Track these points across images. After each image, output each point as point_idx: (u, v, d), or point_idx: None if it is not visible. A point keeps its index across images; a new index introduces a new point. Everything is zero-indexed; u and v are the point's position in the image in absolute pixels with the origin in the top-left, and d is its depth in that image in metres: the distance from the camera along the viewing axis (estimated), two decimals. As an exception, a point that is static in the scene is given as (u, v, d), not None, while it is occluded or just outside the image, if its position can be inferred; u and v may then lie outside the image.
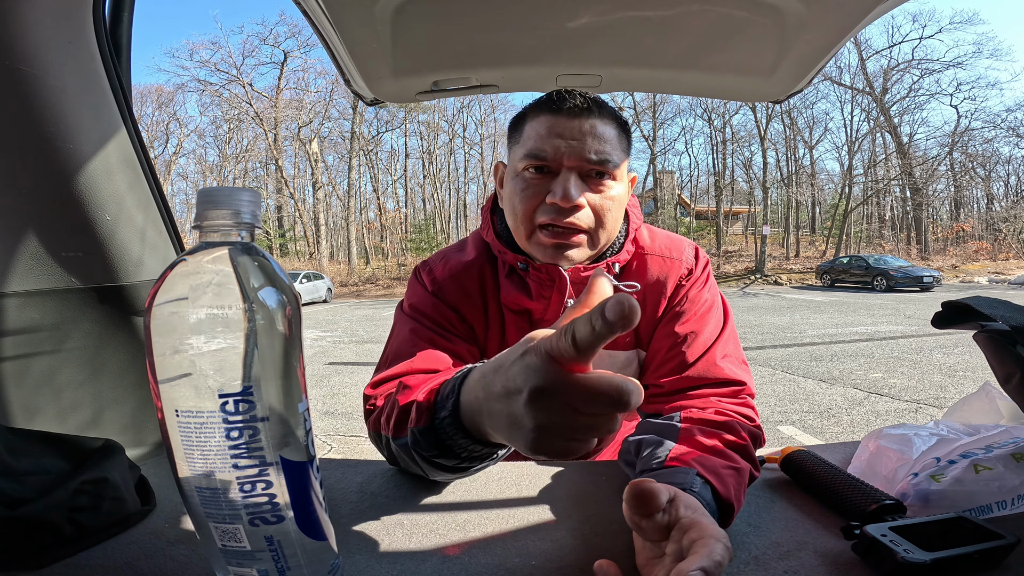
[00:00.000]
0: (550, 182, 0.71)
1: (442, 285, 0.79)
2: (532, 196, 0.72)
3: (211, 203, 0.36)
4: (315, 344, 8.79)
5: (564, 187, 0.69)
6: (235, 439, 0.35)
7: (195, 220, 0.37)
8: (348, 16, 0.81)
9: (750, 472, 0.58)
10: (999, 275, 19.56)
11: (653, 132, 29.39)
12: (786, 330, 8.50)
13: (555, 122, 0.71)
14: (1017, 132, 26.45)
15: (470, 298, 0.79)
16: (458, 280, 0.80)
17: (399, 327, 0.78)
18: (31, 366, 0.73)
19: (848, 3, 0.80)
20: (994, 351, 0.56)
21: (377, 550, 0.51)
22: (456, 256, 0.83)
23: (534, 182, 0.72)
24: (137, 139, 0.76)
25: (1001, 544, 0.44)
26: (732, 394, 0.71)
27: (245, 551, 0.37)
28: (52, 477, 0.55)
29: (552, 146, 0.70)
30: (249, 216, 0.37)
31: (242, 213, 0.37)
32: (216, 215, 0.36)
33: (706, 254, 0.84)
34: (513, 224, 0.76)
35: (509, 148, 0.78)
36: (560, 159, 0.70)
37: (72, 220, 0.69)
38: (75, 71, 0.66)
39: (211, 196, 0.36)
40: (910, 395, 4.52)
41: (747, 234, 30.75)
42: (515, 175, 0.74)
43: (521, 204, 0.73)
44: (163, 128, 31.72)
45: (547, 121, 0.71)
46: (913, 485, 0.54)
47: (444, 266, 0.82)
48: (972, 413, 0.69)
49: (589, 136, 0.70)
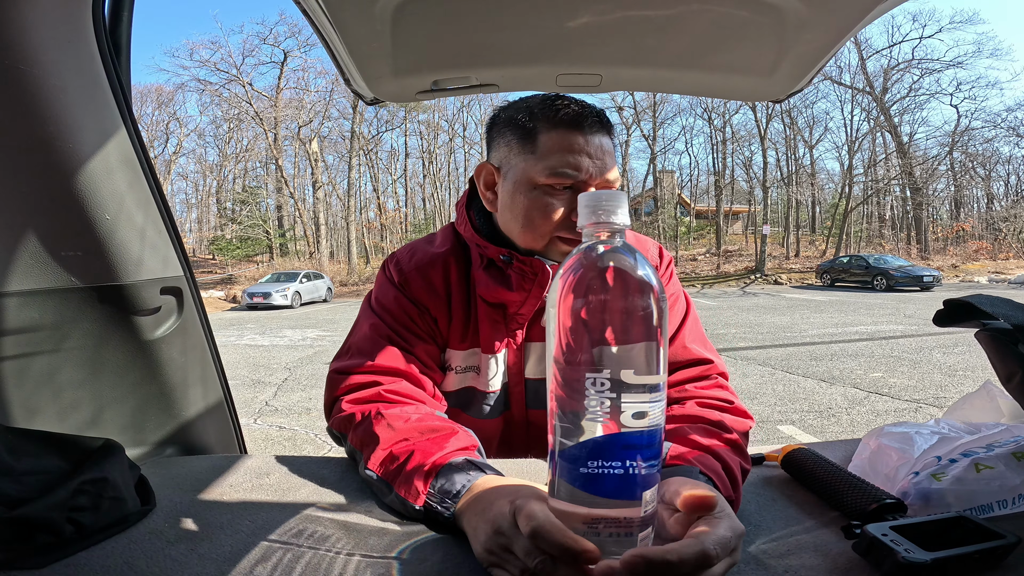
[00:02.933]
0: (572, 198, 0.73)
1: (407, 277, 0.81)
2: (555, 211, 0.74)
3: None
4: (315, 344, 8.79)
5: None
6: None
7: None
8: (348, 15, 0.81)
9: (741, 466, 0.60)
10: (999, 275, 19.56)
11: (653, 132, 29.37)
12: (786, 330, 8.51)
13: (577, 140, 0.73)
14: (1017, 132, 26.47)
15: (434, 291, 0.81)
16: (423, 272, 0.82)
17: (362, 320, 0.82)
18: (31, 366, 0.73)
19: (848, 3, 0.80)
20: (996, 350, 0.56)
21: (378, 549, 0.51)
22: (424, 248, 0.85)
23: (560, 197, 0.74)
24: (137, 139, 0.76)
25: (1002, 544, 0.43)
26: (702, 374, 0.76)
27: None
28: (52, 477, 0.55)
29: (580, 166, 0.72)
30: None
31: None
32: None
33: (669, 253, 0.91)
34: (523, 230, 0.76)
35: (509, 152, 0.78)
36: (588, 179, 0.73)
37: (72, 220, 0.69)
38: (75, 71, 0.66)
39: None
40: (910, 395, 4.52)
41: (747, 233, 30.74)
42: (533, 187, 0.75)
43: (542, 218, 0.74)
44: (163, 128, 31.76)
45: (569, 137, 0.73)
46: (914, 484, 0.54)
47: (411, 259, 0.84)
48: (973, 412, 0.69)
49: (607, 155, 0.74)
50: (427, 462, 0.56)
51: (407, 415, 0.65)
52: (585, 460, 0.39)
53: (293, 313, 14.91)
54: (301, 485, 0.67)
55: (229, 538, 0.54)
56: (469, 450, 0.60)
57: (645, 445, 0.40)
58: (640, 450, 0.39)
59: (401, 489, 0.56)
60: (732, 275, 21.99)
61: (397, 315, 0.79)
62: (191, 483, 0.69)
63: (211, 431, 0.94)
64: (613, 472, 0.39)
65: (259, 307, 16.40)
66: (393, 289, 0.82)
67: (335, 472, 0.71)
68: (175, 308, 0.86)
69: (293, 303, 16.63)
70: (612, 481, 0.39)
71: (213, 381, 0.95)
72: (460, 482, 0.53)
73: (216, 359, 0.96)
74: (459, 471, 0.55)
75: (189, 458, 0.84)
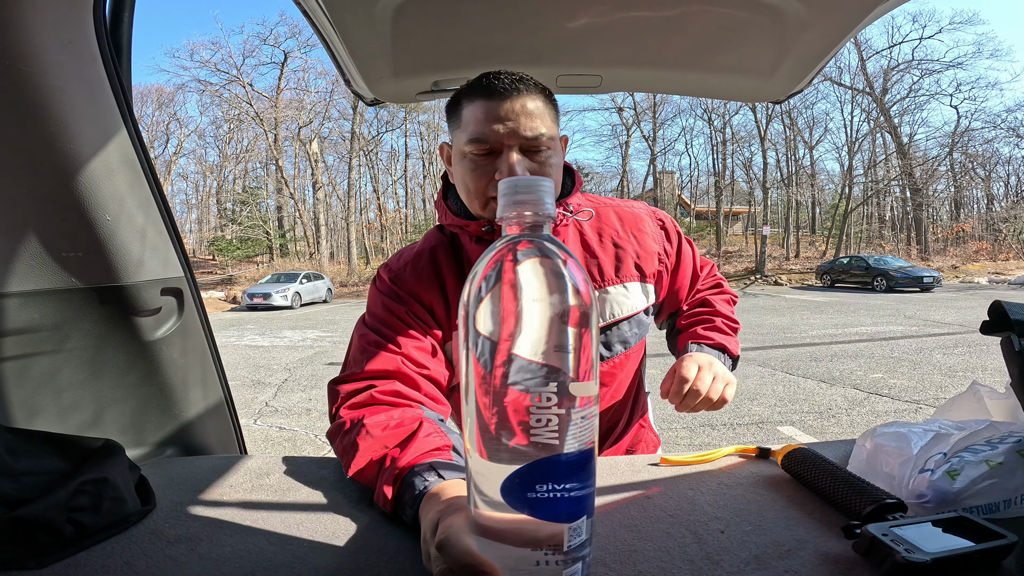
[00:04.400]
0: (495, 160, 0.79)
1: (398, 273, 0.88)
2: (482, 175, 0.80)
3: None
4: (315, 344, 8.79)
5: (508, 166, 0.78)
6: None
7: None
8: (348, 16, 0.81)
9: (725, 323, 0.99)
10: (999, 275, 19.56)
11: (653, 132, 29.40)
12: (786, 330, 8.51)
13: (490, 105, 0.78)
14: (1017, 132, 26.47)
15: (424, 278, 0.86)
16: (413, 264, 0.88)
17: (354, 335, 0.85)
18: (31, 366, 0.73)
19: (848, 3, 0.80)
20: (1006, 349, 0.56)
21: (378, 548, 0.51)
22: (409, 250, 0.93)
23: (481, 163, 0.80)
24: (137, 139, 0.76)
25: (1002, 543, 0.43)
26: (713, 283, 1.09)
27: None
28: (52, 477, 0.55)
29: (491, 129, 0.77)
30: None
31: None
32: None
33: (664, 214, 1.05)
34: (467, 199, 0.84)
35: (451, 130, 0.85)
36: (500, 140, 0.78)
37: (72, 220, 0.69)
38: (75, 71, 0.66)
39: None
40: (910, 395, 4.52)
41: (747, 234, 30.74)
42: (462, 157, 0.81)
43: (473, 183, 0.81)
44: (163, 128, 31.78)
45: (483, 105, 0.78)
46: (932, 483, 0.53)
47: (399, 259, 0.91)
48: (961, 412, 0.69)
49: (522, 115, 0.78)
50: (396, 468, 0.59)
51: (388, 421, 0.67)
52: (511, 476, 0.36)
53: (293, 314, 14.91)
54: (301, 485, 0.67)
55: (229, 538, 0.54)
56: (441, 451, 0.62)
57: (573, 467, 0.36)
58: (572, 474, 0.36)
59: (377, 496, 0.59)
60: (732, 276, 21.98)
61: (386, 320, 0.82)
62: (191, 484, 0.69)
63: (211, 432, 0.94)
64: (543, 495, 0.36)
65: (259, 308, 16.40)
66: (381, 296, 0.85)
67: (335, 472, 0.71)
68: (175, 309, 0.86)
69: (293, 304, 16.63)
70: (543, 503, 0.36)
71: (213, 382, 0.95)
72: (418, 486, 0.55)
73: (216, 360, 0.96)
74: (418, 476, 0.57)
75: (189, 459, 0.84)
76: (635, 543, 0.51)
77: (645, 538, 0.52)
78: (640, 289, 0.94)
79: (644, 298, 0.94)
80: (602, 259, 0.91)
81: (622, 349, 0.93)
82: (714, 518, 0.55)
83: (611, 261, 0.92)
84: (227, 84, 29.09)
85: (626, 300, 0.92)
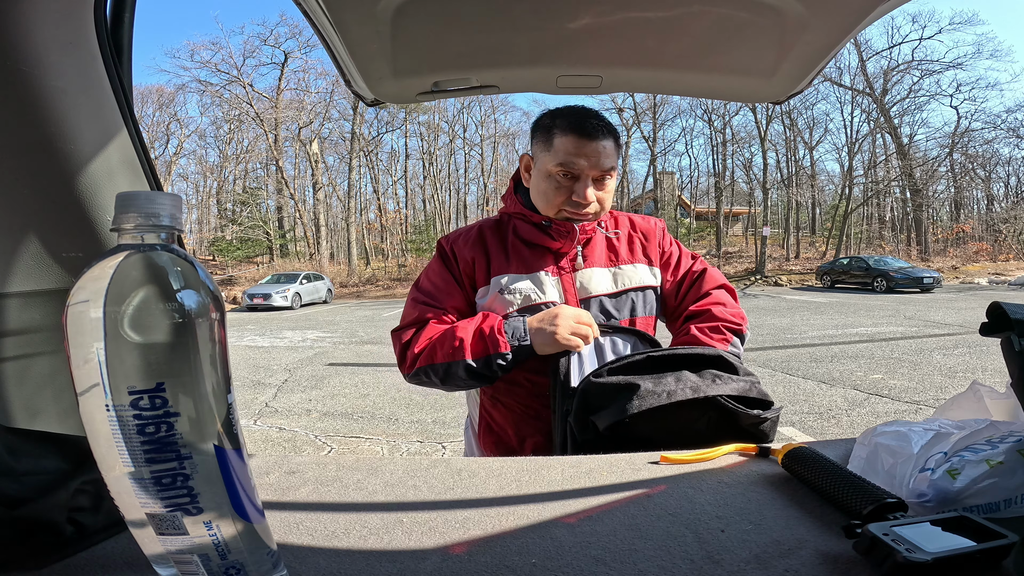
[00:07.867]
0: (574, 184, 1.05)
1: (451, 238, 1.17)
2: (562, 192, 1.06)
3: (128, 207, 0.38)
4: (315, 345, 8.79)
5: (584, 193, 1.04)
6: (150, 434, 0.36)
7: (113, 223, 0.38)
8: (348, 16, 0.81)
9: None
10: (999, 276, 19.56)
11: (653, 133, 29.42)
12: (786, 331, 8.50)
13: (580, 143, 1.02)
14: (1017, 133, 26.48)
15: (472, 241, 1.14)
16: (465, 233, 1.18)
17: (408, 299, 1.16)
18: (32, 367, 0.73)
19: (848, 4, 0.80)
20: (1006, 350, 0.56)
21: (377, 548, 0.51)
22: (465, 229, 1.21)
23: (564, 184, 1.05)
24: (138, 140, 0.76)
25: (1003, 543, 0.43)
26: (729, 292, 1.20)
27: (183, 541, 0.39)
28: (52, 477, 0.55)
29: (578, 163, 1.03)
30: (168, 219, 0.38)
31: (161, 216, 0.38)
32: (133, 218, 0.37)
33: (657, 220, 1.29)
34: (544, 204, 1.09)
35: (537, 147, 1.08)
36: (583, 171, 1.03)
37: (73, 221, 0.69)
38: (76, 72, 0.66)
39: (128, 200, 0.38)
40: (910, 396, 4.52)
41: (747, 235, 30.74)
42: (548, 175, 1.06)
43: (554, 197, 1.06)
44: (164, 129, 31.80)
45: (575, 142, 1.02)
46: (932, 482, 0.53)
47: (457, 233, 1.20)
48: (961, 412, 0.69)
49: (602, 155, 1.03)
50: (491, 327, 0.98)
51: (456, 325, 1.03)
52: None
53: (293, 314, 14.91)
54: (301, 485, 0.67)
55: (229, 538, 0.54)
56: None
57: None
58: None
59: (492, 351, 0.96)
60: (732, 276, 21.97)
61: (435, 279, 1.12)
62: (191, 483, 0.69)
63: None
64: None
65: (259, 308, 16.41)
66: (437, 260, 1.16)
67: (335, 472, 0.71)
68: (176, 309, 0.86)
69: (293, 304, 16.64)
70: None
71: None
72: (518, 324, 0.99)
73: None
74: (511, 320, 1.00)
75: (189, 459, 0.84)
76: (635, 542, 0.51)
77: (645, 537, 0.52)
78: (648, 271, 1.18)
79: (652, 278, 1.18)
80: (619, 247, 1.17)
81: (628, 315, 1.14)
82: (714, 517, 0.55)
83: (626, 248, 1.18)
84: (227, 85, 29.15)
85: (635, 274, 1.15)
